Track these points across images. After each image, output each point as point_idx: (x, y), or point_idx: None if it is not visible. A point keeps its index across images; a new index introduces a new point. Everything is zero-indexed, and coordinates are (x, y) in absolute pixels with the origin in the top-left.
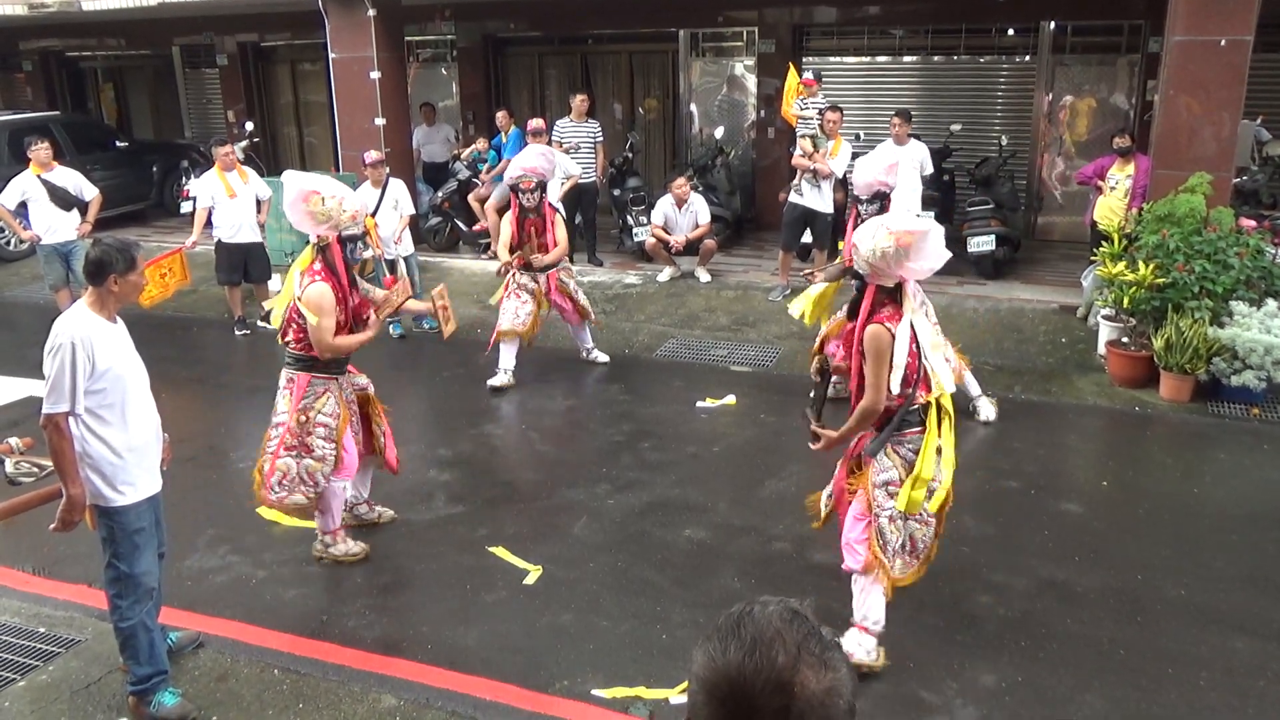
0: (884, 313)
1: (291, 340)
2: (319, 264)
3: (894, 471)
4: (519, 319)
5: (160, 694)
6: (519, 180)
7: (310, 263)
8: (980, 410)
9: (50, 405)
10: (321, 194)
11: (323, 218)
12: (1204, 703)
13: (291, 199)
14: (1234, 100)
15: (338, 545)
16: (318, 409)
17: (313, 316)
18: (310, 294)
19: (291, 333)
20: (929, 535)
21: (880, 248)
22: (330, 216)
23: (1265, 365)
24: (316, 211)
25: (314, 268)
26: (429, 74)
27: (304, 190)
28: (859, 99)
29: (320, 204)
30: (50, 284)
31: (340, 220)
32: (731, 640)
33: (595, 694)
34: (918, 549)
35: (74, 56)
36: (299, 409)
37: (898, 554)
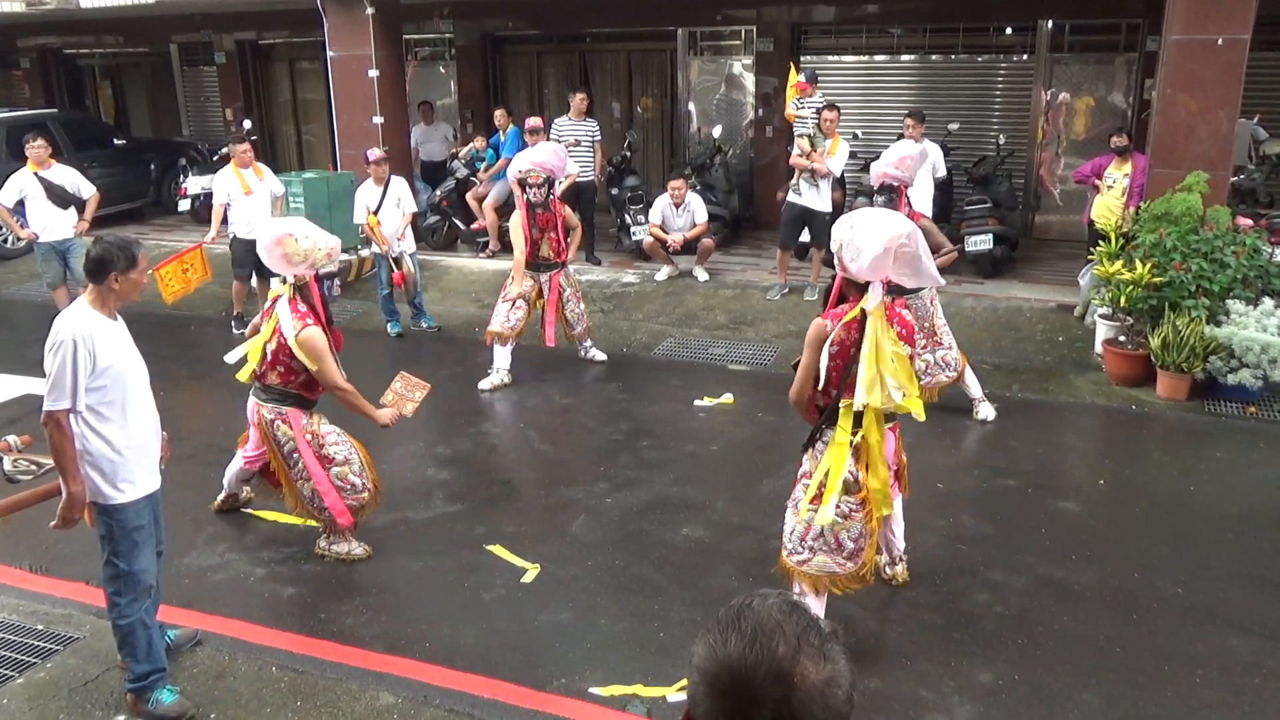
0: (843, 308)
1: (277, 380)
2: (302, 305)
3: (808, 464)
4: (509, 322)
5: (158, 691)
6: (527, 175)
7: (290, 303)
8: (980, 411)
9: (51, 402)
10: (295, 235)
11: (299, 258)
12: (1200, 700)
13: (267, 245)
14: (1231, 99)
15: (340, 544)
16: (315, 426)
17: (312, 364)
18: (306, 340)
19: (278, 374)
20: (856, 532)
21: (837, 239)
22: (306, 257)
23: (1261, 364)
24: (292, 253)
25: (298, 309)
26: (427, 72)
27: (277, 235)
28: (857, 98)
29: (295, 245)
30: (48, 282)
31: (316, 259)
32: (732, 632)
33: (593, 692)
34: (843, 547)
35: (72, 54)
36: (299, 437)
37: (810, 548)
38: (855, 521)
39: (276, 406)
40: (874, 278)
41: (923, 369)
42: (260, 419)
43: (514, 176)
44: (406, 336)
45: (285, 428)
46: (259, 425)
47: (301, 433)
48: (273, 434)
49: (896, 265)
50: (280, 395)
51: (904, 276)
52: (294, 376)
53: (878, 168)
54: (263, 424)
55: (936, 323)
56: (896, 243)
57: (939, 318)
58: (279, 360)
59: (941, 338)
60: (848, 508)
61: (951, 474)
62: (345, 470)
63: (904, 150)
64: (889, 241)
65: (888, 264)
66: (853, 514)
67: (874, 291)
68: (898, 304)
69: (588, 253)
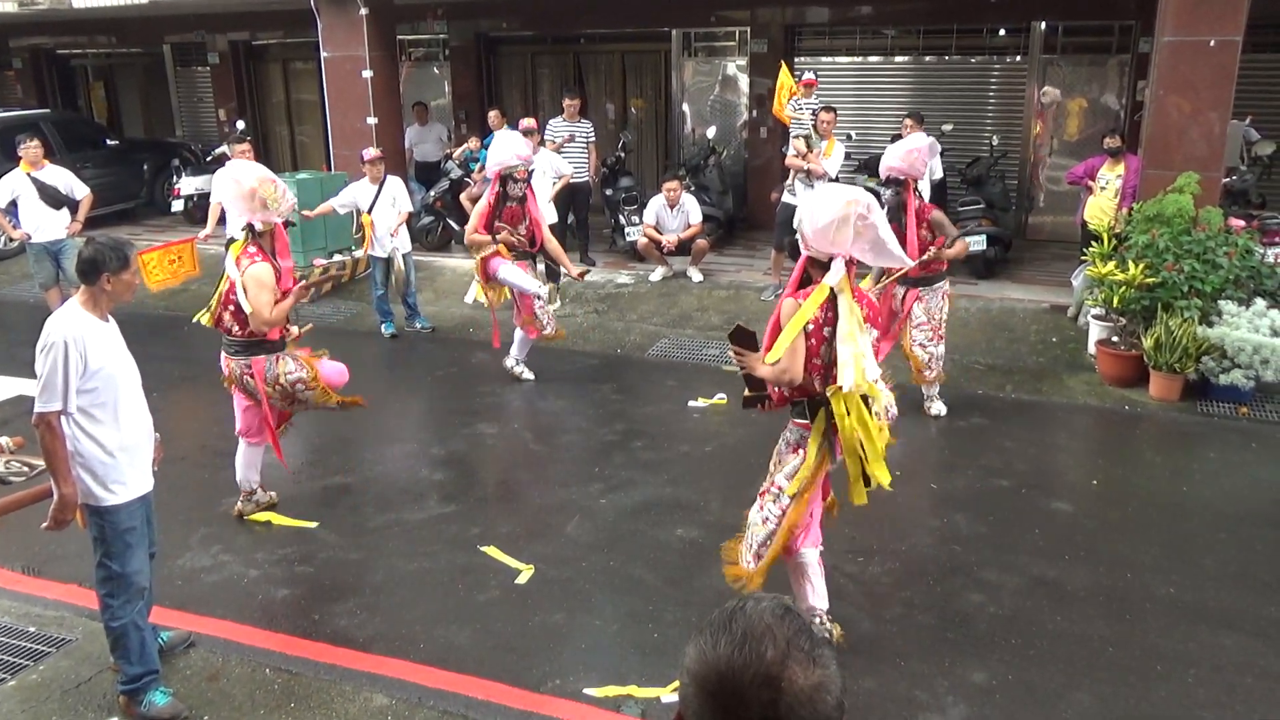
0: (809, 288)
1: (237, 328)
2: (253, 247)
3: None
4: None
5: (151, 693)
6: (515, 169)
7: (243, 248)
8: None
9: (42, 404)
10: (276, 181)
11: (273, 204)
12: (1192, 699)
13: (244, 190)
14: (1223, 100)
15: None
16: (282, 371)
17: (256, 292)
18: (253, 272)
19: (230, 315)
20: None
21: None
22: (280, 203)
23: (1254, 364)
24: (269, 198)
25: (249, 251)
26: (421, 73)
27: (259, 178)
28: (851, 99)
29: (272, 190)
30: (40, 283)
31: (284, 209)
32: (722, 634)
33: (587, 693)
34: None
35: (65, 54)
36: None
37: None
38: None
39: (242, 358)
40: (835, 250)
41: (926, 360)
42: (230, 372)
43: (499, 170)
44: (400, 337)
45: (251, 381)
46: (229, 378)
47: (263, 384)
48: (243, 386)
49: (857, 240)
50: (243, 345)
51: (865, 253)
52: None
53: (886, 160)
54: (233, 376)
55: (943, 317)
56: (854, 211)
57: (944, 312)
58: (229, 301)
59: (944, 332)
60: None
61: (945, 474)
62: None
63: (913, 143)
64: (845, 209)
65: (847, 235)
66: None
67: (836, 266)
68: (910, 295)
69: (582, 254)
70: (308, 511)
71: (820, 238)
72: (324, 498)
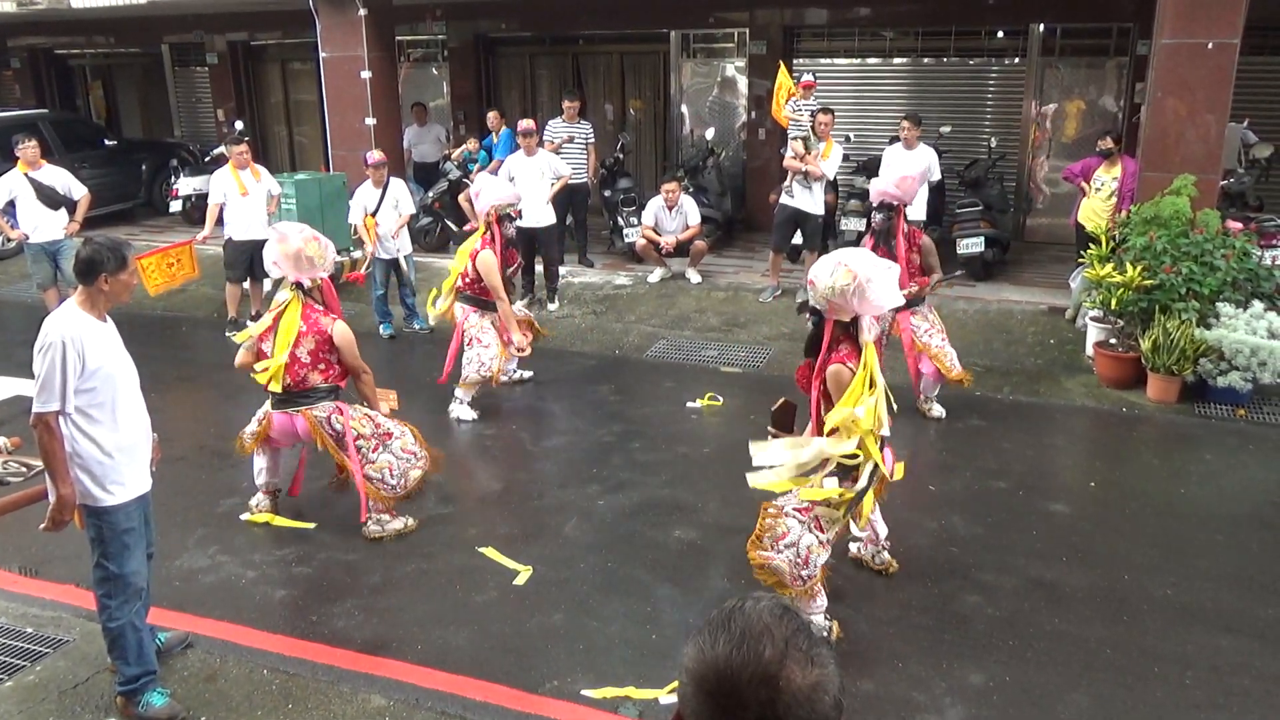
0: (842, 350)
1: (320, 379)
2: (318, 305)
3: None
4: (487, 368)
5: (148, 694)
6: (509, 208)
7: (303, 307)
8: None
9: (40, 404)
10: (320, 239)
11: (321, 261)
12: (1189, 701)
13: (292, 251)
14: (1221, 103)
15: (395, 521)
16: (360, 412)
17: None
18: (343, 332)
19: (320, 372)
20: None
21: (838, 284)
22: (326, 259)
23: (1251, 366)
24: (315, 256)
25: (316, 309)
26: (420, 74)
27: (304, 238)
28: (850, 101)
29: (317, 248)
30: (38, 283)
31: (330, 264)
32: (721, 633)
33: (585, 694)
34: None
35: (63, 54)
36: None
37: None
38: (826, 551)
39: (326, 403)
40: (860, 311)
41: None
42: (312, 423)
43: (493, 209)
44: (399, 338)
45: (342, 418)
46: (312, 430)
47: (362, 415)
48: (330, 429)
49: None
50: (326, 392)
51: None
52: (333, 370)
53: (878, 185)
54: (315, 425)
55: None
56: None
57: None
58: (319, 358)
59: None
60: (828, 537)
61: (942, 476)
62: (404, 441)
63: (906, 170)
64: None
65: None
66: (827, 545)
67: (868, 324)
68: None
69: (580, 255)
70: (306, 513)
71: (840, 305)
72: (322, 499)
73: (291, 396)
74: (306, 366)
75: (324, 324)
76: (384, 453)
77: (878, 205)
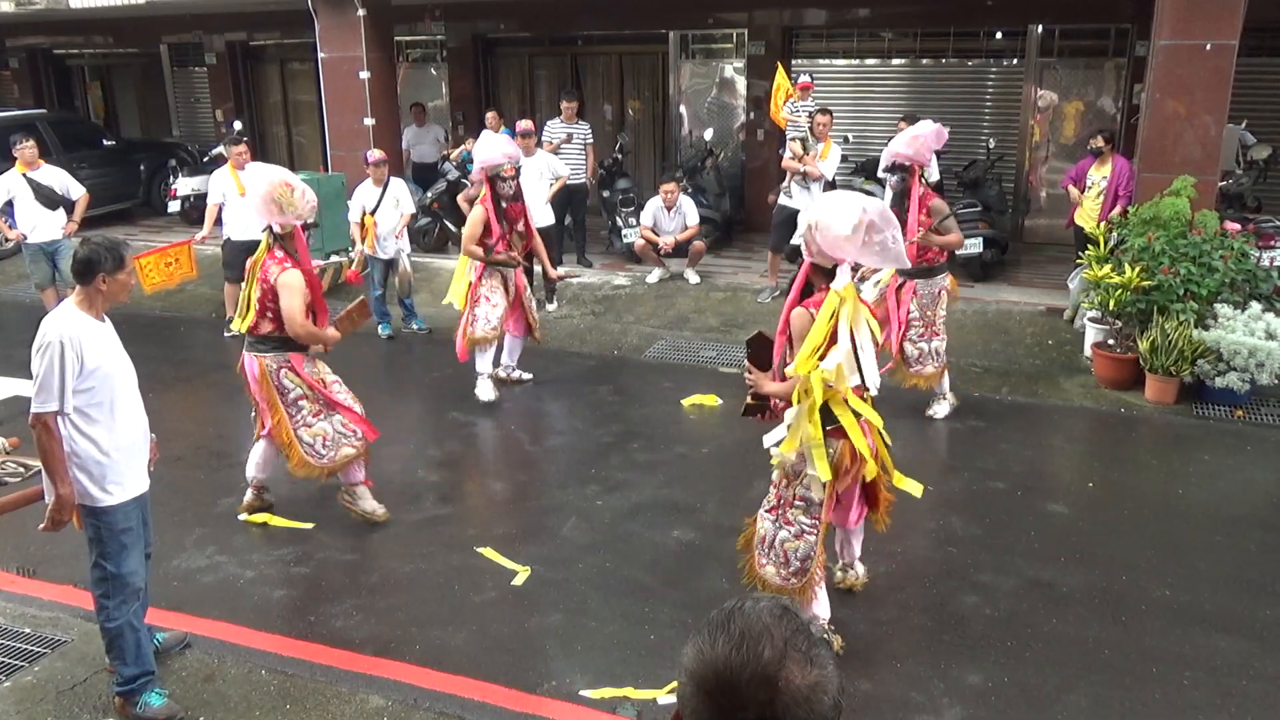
0: (816, 296)
1: (270, 328)
2: (280, 252)
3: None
4: (491, 324)
5: (147, 695)
6: (500, 168)
7: (268, 253)
8: (937, 408)
9: (39, 405)
10: (293, 185)
11: (290, 209)
12: (1187, 701)
13: (262, 192)
14: (1219, 104)
15: (365, 501)
16: (321, 371)
17: (288, 299)
18: (286, 279)
19: (269, 321)
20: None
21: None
22: (296, 206)
23: (1249, 367)
24: (286, 203)
25: (276, 255)
26: (419, 74)
27: (276, 181)
28: (848, 101)
29: (290, 195)
30: (36, 283)
31: (303, 211)
32: (720, 634)
33: (583, 694)
34: (790, 563)
35: (61, 54)
36: (308, 380)
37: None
38: (805, 542)
39: (278, 355)
40: (842, 257)
41: (916, 355)
42: (262, 370)
43: (485, 170)
44: (397, 338)
45: (291, 375)
46: (260, 378)
47: (308, 377)
48: (278, 382)
49: (865, 249)
50: (278, 343)
51: (871, 258)
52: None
53: (893, 147)
54: (265, 375)
55: (939, 313)
56: (866, 219)
57: (942, 309)
58: (266, 306)
59: (939, 328)
60: (800, 528)
61: (941, 476)
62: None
63: (920, 129)
64: (860, 218)
65: (857, 243)
66: (805, 534)
67: (843, 273)
68: (907, 287)
69: (579, 255)
70: (304, 513)
71: (831, 246)
72: (320, 499)
73: (253, 341)
74: (259, 313)
75: (272, 273)
76: (323, 421)
77: (891, 167)
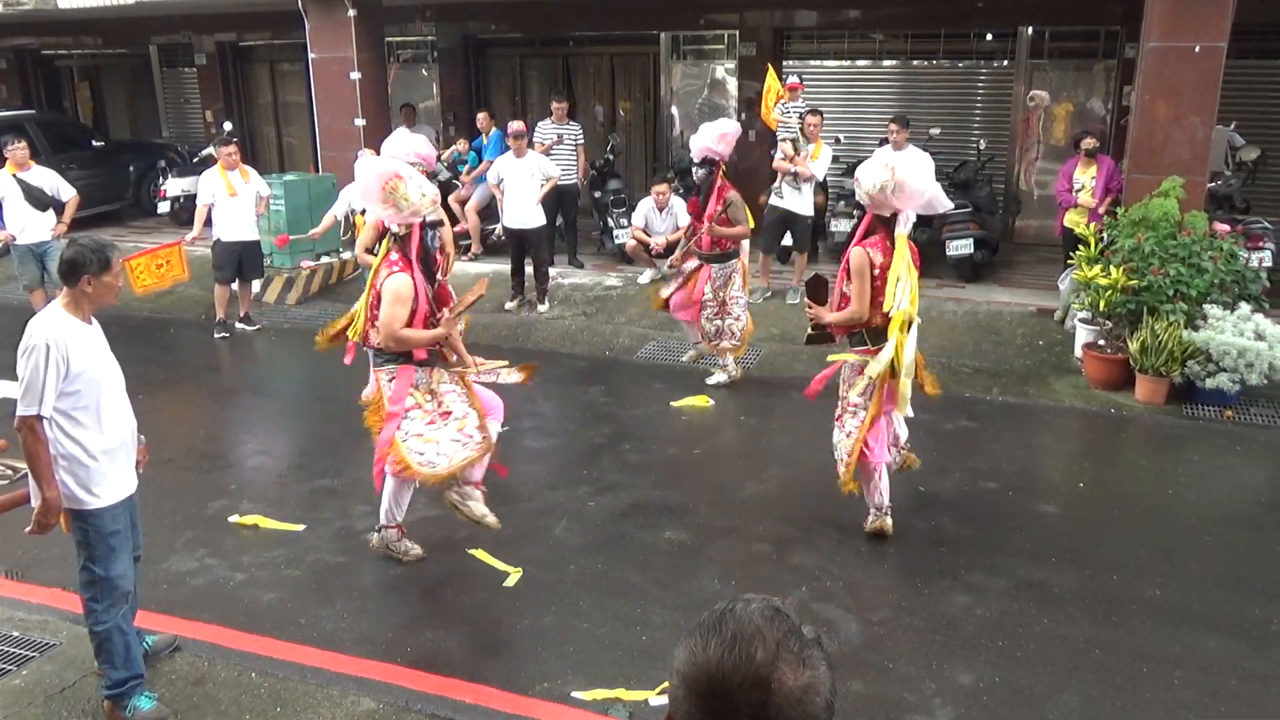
0: (873, 239)
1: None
2: (396, 254)
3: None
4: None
5: (136, 698)
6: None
7: (386, 254)
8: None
9: (24, 407)
10: (405, 179)
11: (405, 205)
12: (1177, 700)
13: (371, 185)
14: (1208, 105)
15: (476, 504)
16: (436, 381)
17: (388, 305)
18: (389, 284)
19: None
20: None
21: (879, 181)
22: (411, 203)
23: (1238, 368)
24: (400, 198)
25: (390, 259)
26: (409, 75)
27: (385, 175)
28: (839, 103)
29: (404, 189)
30: (25, 284)
31: (421, 207)
32: (713, 636)
33: (575, 696)
34: None
35: (50, 55)
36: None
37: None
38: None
39: (390, 368)
40: (894, 207)
41: (713, 332)
42: (378, 382)
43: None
44: None
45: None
46: (376, 390)
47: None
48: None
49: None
50: (390, 355)
51: (919, 208)
52: None
53: (700, 141)
54: (379, 386)
55: (730, 294)
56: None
57: (734, 290)
58: (374, 314)
59: (731, 309)
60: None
61: (932, 477)
62: (464, 424)
63: (723, 127)
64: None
65: (888, 197)
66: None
67: (902, 219)
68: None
69: (570, 256)
70: (294, 515)
71: (879, 200)
72: (311, 501)
73: (372, 354)
74: (369, 322)
75: (381, 277)
76: (438, 429)
77: (700, 161)
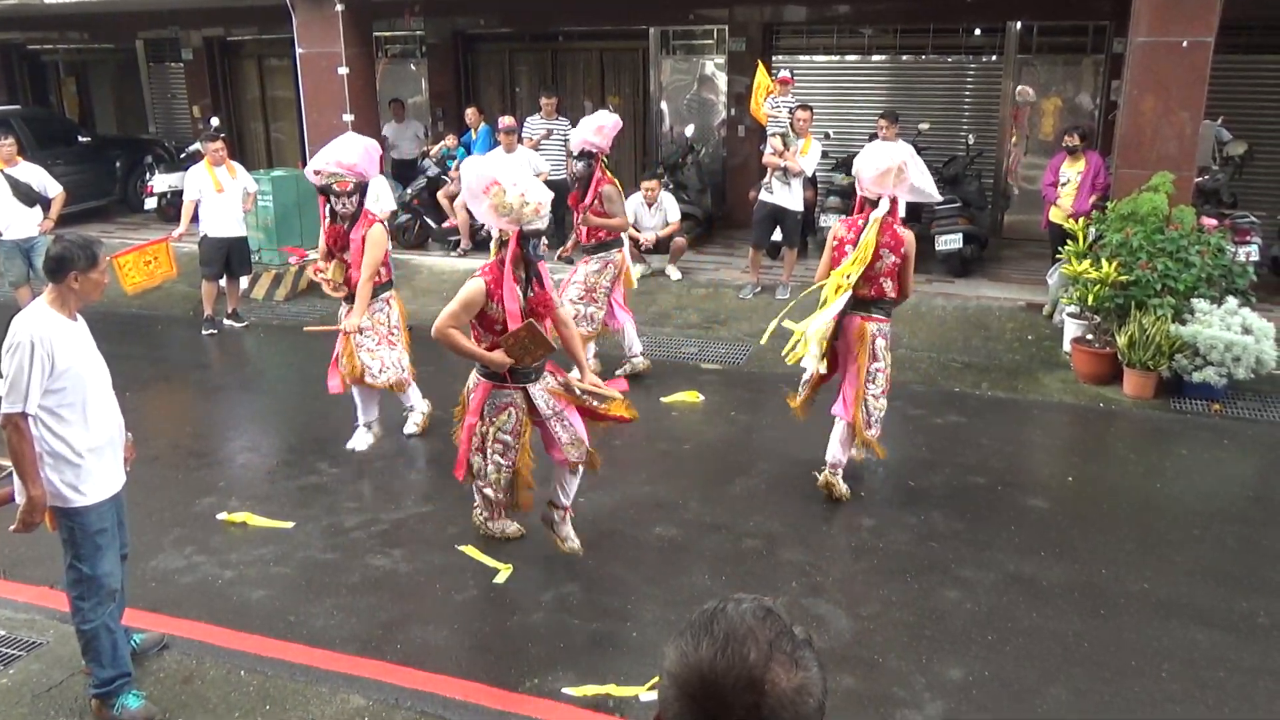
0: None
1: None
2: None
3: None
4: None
5: (124, 697)
6: (331, 181)
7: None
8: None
9: (9, 404)
10: (503, 185)
11: (504, 210)
12: (1166, 693)
13: (474, 191)
14: (1196, 100)
15: (497, 522)
16: (498, 425)
17: (451, 303)
18: (465, 284)
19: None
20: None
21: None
22: (511, 209)
23: (1226, 362)
24: (499, 205)
25: (486, 265)
26: (398, 70)
27: (484, 181)
28: (829, 98)
29: (503, 196)
30: (10, 281)
31: (523, 215)
32: (704, 636)
33: (565, 692)
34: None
35: (35, 50)
36: (481, 418)
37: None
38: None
39: (477, 376)
40: (879, 192)
41: (575, 315)
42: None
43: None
44: None
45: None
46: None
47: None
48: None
49: (899, 185)
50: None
51: (906, 194)
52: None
53: (579, 133)
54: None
55: (602, 284)
56: (896, 163)
57: (605, 280)
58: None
59: (597, 297)
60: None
61: (921, 471)
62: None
63: (602, 120)
64: (891, 161)
65: (888, 182)
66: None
67: (883, 203)
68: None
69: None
70: (283, 512)
71: (875, 183)
72: (300, 498)
73: None
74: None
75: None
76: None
77: (579, 154)
